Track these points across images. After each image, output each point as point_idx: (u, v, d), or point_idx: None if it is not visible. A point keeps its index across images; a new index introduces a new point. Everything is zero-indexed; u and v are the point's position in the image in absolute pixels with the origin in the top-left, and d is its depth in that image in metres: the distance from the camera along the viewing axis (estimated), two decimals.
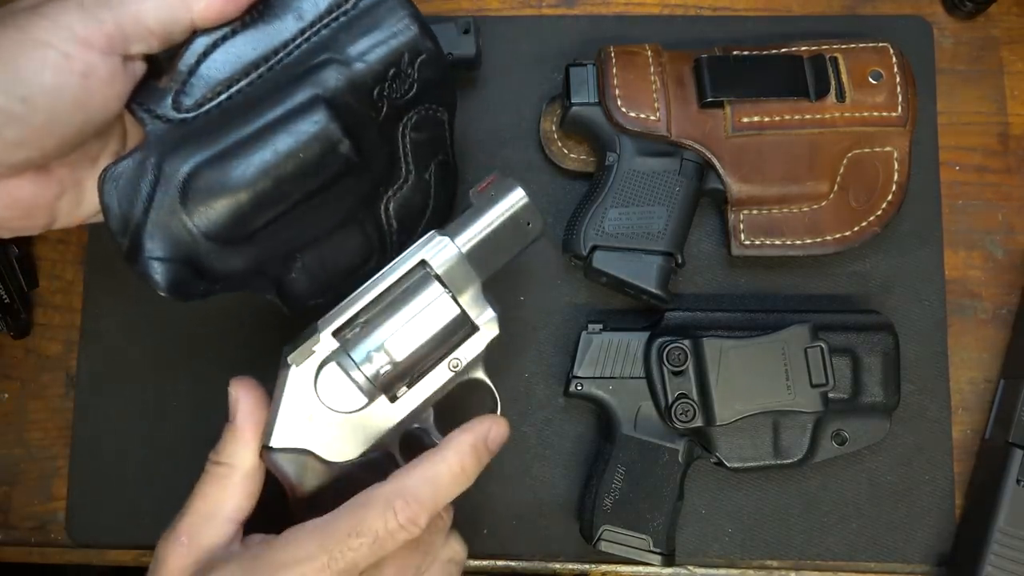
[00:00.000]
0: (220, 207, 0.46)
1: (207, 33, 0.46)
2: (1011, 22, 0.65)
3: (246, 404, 0.47)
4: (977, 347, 0.62)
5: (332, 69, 0.47)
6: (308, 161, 0.46)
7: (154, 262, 0.45)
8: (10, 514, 0.62)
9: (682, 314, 0.58)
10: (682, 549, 0.59)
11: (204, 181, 0.45)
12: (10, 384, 0.63)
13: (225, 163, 0.45)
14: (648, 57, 0.59)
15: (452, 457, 0.46)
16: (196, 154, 0.45)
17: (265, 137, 0.46)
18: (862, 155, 0.58)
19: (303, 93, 0.47)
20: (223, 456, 0.47)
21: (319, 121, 0.46)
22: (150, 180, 0.45)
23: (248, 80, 0.47)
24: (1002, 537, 0.56)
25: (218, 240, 0.46)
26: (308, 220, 0.49)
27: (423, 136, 0.52)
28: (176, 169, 0.45)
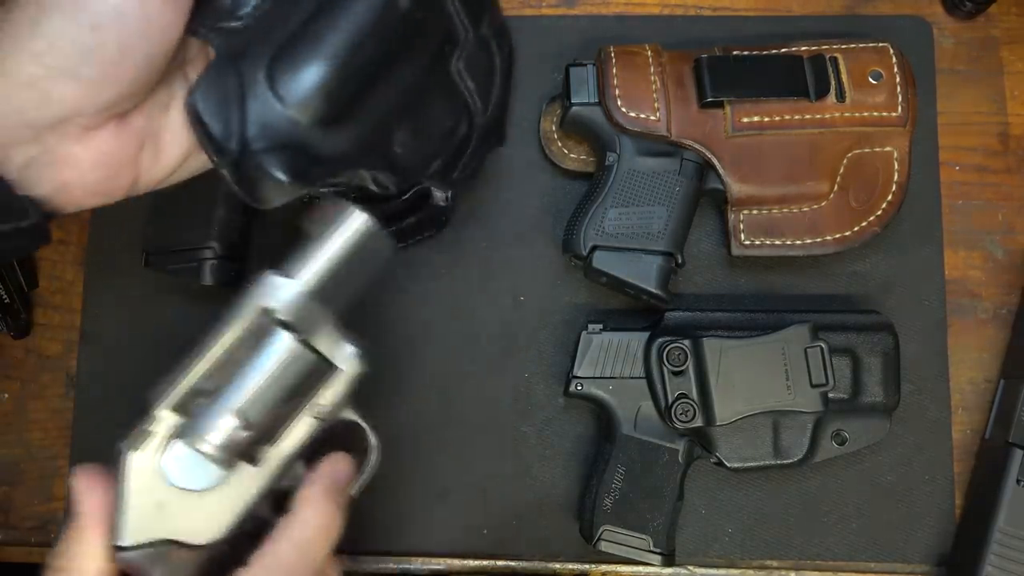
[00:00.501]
0: (311, 88, 0.44)
1: None
2: (1011, 22, 0.65)
3: (91, 498, 0.43)
4: (977, 347, 0.62)
5: None
6: (375, 20, 0.45)
7: (267, 154, 0.44)
8: (10, 514, 0.62)
9: (682, 314, 0.59)
10: (682, 549, 0.59)
11: (288, 66, 0.44)
12: (10, 384, 0.63)
13: (301, 44, 0.44)
14: (648, 57, 0.59)
15: (311, 515, 0.44)
16: (270, 47, 0.44)
17: (328, 9, 0.45)
18: (862, 155, 0.58)
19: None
20: (66, 560, 0.42)
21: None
22: (235, 84, 0.44)
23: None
24: (1002, 537, 0.56)
25: (318, 121, 0.45)
26: (393, 87, 0.47)
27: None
28: (256, 66, 0.44)
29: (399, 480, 0.60)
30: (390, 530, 0.60)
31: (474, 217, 0.63)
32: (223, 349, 0.45)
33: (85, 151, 0.43)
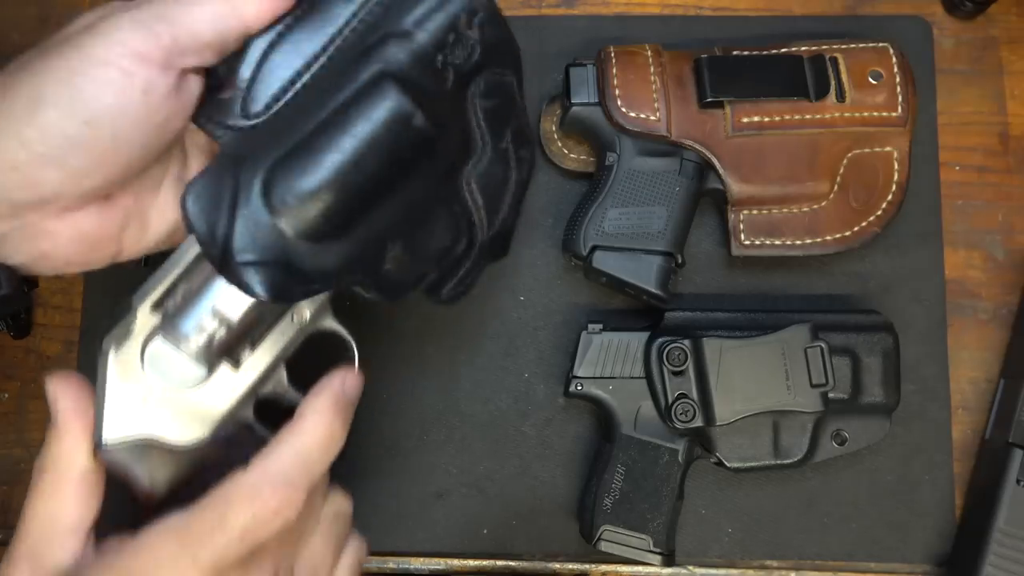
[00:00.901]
0: (306, 203, 0.44)
1: (261, 36, 0.45)
2: (1011, 22, 0.65)
3: (68, 399, 0.42)
4: (977, 347, 0.62)
5: (392, 44, 0.45)
6: (385, 140, 0.44)
7: (248, 268, 0.43)
8: (10, 514, 0.62)
9: (682, 314, 0.59)
10: (682, 549, 0.59)
11: (284, 180, 0.44)
12: (10, 384, 0.63)
13: (303, 156, 0.44)
14: (648, 57, 0.59)
15: (315, 425, 0.43)
16: (272, 154, 0.44)
17: (337, 123, 0.44)
18: (862, 155, 0.58)
19: (367, 71, 0.45)
20: (49, 461, 0.42)
21: (389, 96, 0.44)
22: (230, 188, 0.44)
23: (310, 73, 0.46)
24: (1002, 537, 0.56)
25: (307, 236, 0.44)
26: (394, 205, 0.46)
27: (493, 103, 0.49)
28: (254, 173, 0.44)
29: (399, 480, 0.60)
30: (390, 530, 0.60)
31: None
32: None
33: (65, 228, 0.42)
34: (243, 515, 0.39)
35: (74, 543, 0.41)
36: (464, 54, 0.47)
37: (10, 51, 0.67)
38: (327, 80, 0.46)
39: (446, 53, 0.46)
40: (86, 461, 0.42)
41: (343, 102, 0.45)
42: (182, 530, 0.39)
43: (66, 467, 0.42)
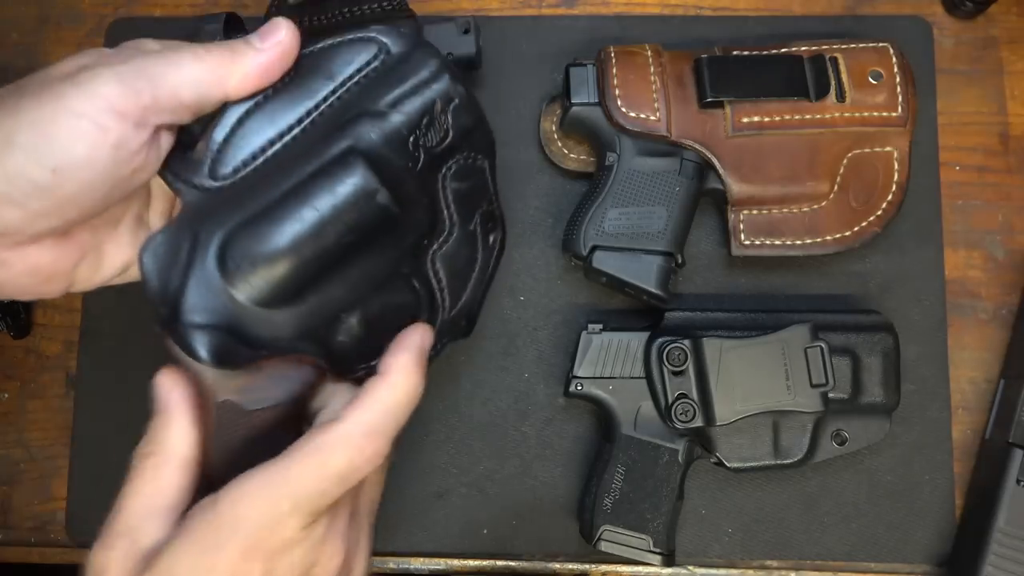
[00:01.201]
0: (259, 269, 0.44)
1: (239, 103, 0.46)
2: (1011, 22, 0.65)
3: (178, 391, 0.44)
4: (977, 347, 0.62)
5: (365, 122, 0.47)
6: (347, 214, 0.45)
7: (195, 330, 0.43)
8: (10, 514, 0.62)
9: (682, 314, 0.59)
10: (682, 549, 0.59)
11: (241, 244, 0.44)
12: (10, 384, 0.63)
13: (263, 223, 0.44)
14: (648, 57, 0.59)
15: (402, 380, 0.44)
16: (233, 217, 0.45)
17: (301, 194, 0.45)
18: (862, 155, 0.58)
19: (337, 147, 0.46)
20: (154, 446, 0.43)
21: (355, 172, 0.45)
22: (187, 248, 0.44)
23: (283, 143, 0.47)
24: (1002, 537, 0.56)
25: (259, 304, 0.44)
26: (352, 277, 0.47)
27: (464, 186, 0.50)
28: (212, 234, 0.44)
29: (399, 480, 0.60)
30: (390, 530, 0.60)
31: None
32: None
33: (18, 260, 0.42)
34: (341, 462, 0.41)
35: (168, 524, 0.42)
36: (437, 137, 0.48)
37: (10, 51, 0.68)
38: (297, 151, 0.46)
39: (418, 134, 0.47)
40: (190, 449, 0.43)
41: (310, 174, 0.45)
42: (280, 480, 0.40)
43: (172, 452, 0.43)
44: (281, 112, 0.47)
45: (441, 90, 0.48)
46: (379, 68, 0.48)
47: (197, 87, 0.43)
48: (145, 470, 0.43)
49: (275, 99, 0.47)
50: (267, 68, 0.45)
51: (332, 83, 0.47)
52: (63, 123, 0.40)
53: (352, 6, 0.60)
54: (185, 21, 0.66)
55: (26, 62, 0.66)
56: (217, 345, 0.43)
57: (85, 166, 0.40)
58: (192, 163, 0.46)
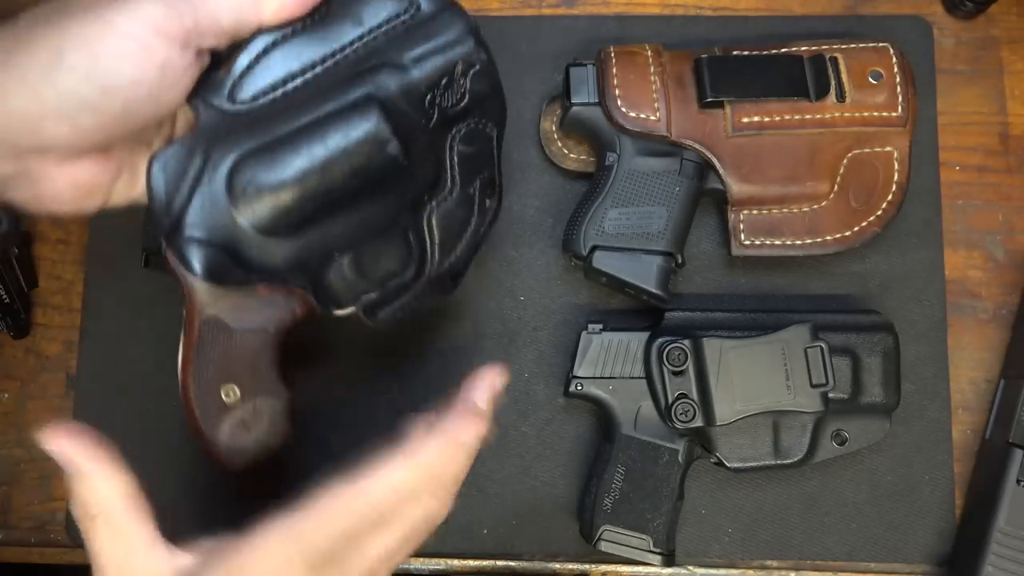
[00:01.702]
0: (264, 196, 0.46)
1: (268, 32, 0.47)
2: (1011, 22, 0.65)
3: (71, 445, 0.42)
4: (977, 347, 0.62)
5: (386, 72, 0.48)
6: (356, 158, 0.46)
7: (193, 244, 0.45)
8: (10, 514, 0.62)
9: (682, 314, 0.59)
10: (682, 549, 0.59)
11: (250, 169, 0.46)
12: (10, 384, 0.63)
13: (273, 154, 0.46)
14: (648, 57, 0.59)
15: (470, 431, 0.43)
16: (245, 143, 0.46)
17: (315, 131, 0.46)
18: (862, 155, 0.58)
19: (356, 92, 0.47)
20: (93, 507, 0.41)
21: (370, 119, 0.46)
22: (198, 165, 0.46)
23: (303, 79, 0.48)
24: (1002, 537, 0.56)
25: (259, 230, 0.46)
26: (352, 220, 0.48)
27: (470, 150, 0.51)
28: (224, 156, 0.46)
29: None
30: None
31: None
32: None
33: (62, 175, 0.44)
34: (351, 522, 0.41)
35: (159, 554, 0.41)
36: (453, 99, 0.49)
37: None
38: (316, 90, 0.47)
39: (436, 93, 0.49)
40: (122, 489, 0.42)
41: (326, 113, 0.47)
42: (291, 529, 0.40)
43: (109, 504, 0.42)
44: (307, 48, 0.48)
45: (464, 53, 0.49)
46: (407, 22, 0.49)
47: (236, 12, 0.44)
48: (100, 532, 0.41)
49: (303, 35, 0.48)
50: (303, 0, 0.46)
51: (360, 29, 0.48)
52: (111, 43, 0.41)
53: None
54: None
55: None
56: (212, 261, 0.45)
57: (133, 85, 0.42)
58: (213, 84, 0.47)
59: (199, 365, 0.48)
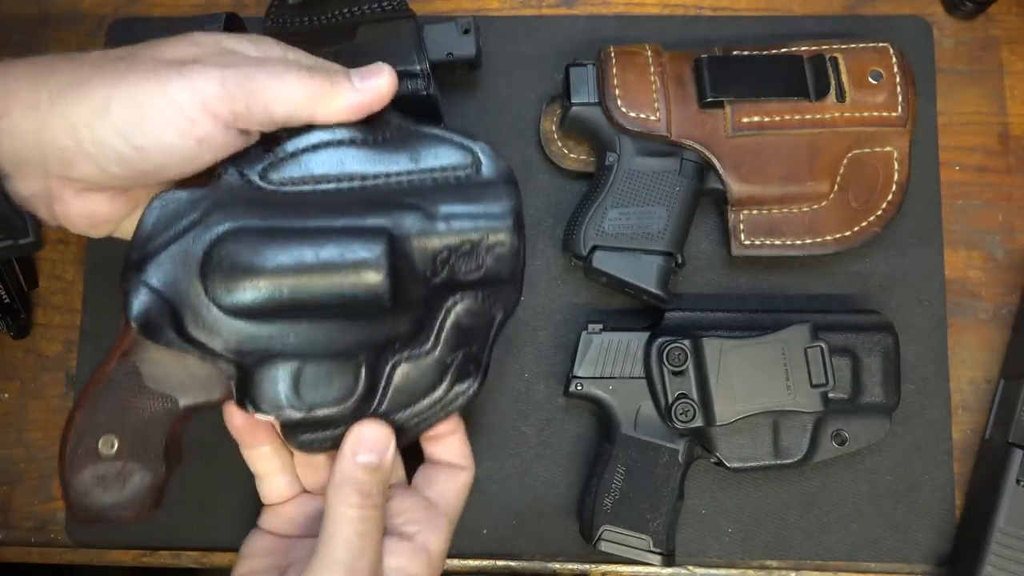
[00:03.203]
0: (235, 275, 0.45)
1: (325, 129, 0.47)
2: (1011, 22, 0.65)
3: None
4: (977, 347, 0.62)
5: (414, 215, 0.47)
6: (341, 279, 0.45)
7: (143, 288, 0.44)
8: (10, 514, 0.62)
9: (682, 314, 0.59)
10: (682, 549, 0.59)
11: (236, 244, 0.45)
12: (10, 384, 0.63)
13: (264, 240, 0.45)
14: (648, 57, 0.59)
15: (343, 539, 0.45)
16: (247, 219, 0.45)
17: (315, 238, 0.45)
18: (862, 155, 0.58)
19: (375, 219, 0.46)
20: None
21: (373, 250, 0.45)
22: (192, 219, 0.45)
23: (337, 186, 0.47)
24: (1002, 537, 0.56)
25: (215, 303, 0.45)
26: (309, 333, 0.46)
27: (467, 322, 0.49)
28: (221, 221, 0.45)
29: None
30: None
31: None
32: None
33: (79, 202, 0.45)
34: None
35: None
36: (468, 267, 0.48)
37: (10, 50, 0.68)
38: (342, 201, 0.47)
39: (452, 254, 0.47)
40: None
41: (337, 227, 0.46)
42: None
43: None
44: (355, 161, 0.48)
45: (497, 230, 0.48)
46: (461, 178, 0.49)
47: (291, 108, 0.45)
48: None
49: (358, 148, 0.48)
50: (359, 108, 0.47)
51: (412, 165, 0.48)
52: (158, 107, 0.42)
53: (352, 6, 0.60)
54: (185, 21, 0.66)
55: None
56: (150, 313, 0.44)
57: (168, 150, 0.43)
58: (253, 157, 0.47)
59: (94, 401, 0.46)
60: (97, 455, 0.46)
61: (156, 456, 0.47)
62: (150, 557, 0.61)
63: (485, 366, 0.50)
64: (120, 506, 0.47)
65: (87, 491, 0.46)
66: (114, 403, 0.46)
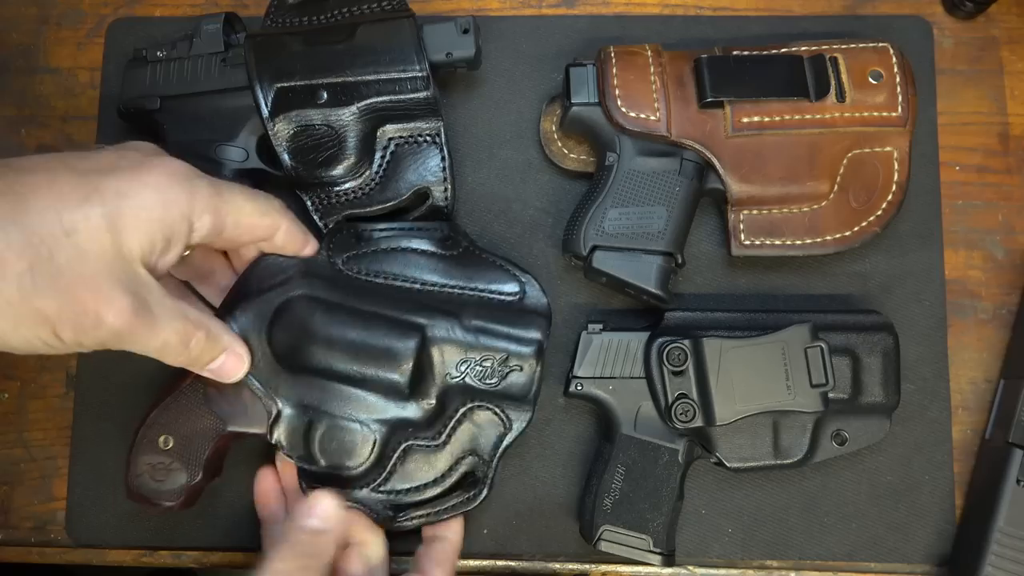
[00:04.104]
0: (290, 331, 0.53)
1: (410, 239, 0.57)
2: (1011, 22, 0.65)
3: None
4: (977, 347, 0.62)
5: (450, 321, 0.54)
6: (371, 360, 0.53)
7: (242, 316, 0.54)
8: (10, 514, 0.62)
9: (682, 314, 0.59)
10: (682, 549, 0.59)
11: (300, 309, 0.54)
12: (10, 384, 0.63)
13: (324, 311, 0.54)
14: (648, 57, 0.59)
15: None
16: (318, 291, 0.54)
17: (363, 320, 0.54)
18: (862, 155, 0.58)
19: (416, 316, 0.54)
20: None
21: (406, 344, 0.53)
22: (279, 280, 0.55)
23: (399, 284, 0.56)
24: (1002, 537, 0.56)
25: (271, 351, 0.54)
26: (339, 397, 0.54)
27: (476, 431, 0.56)
28: (298, 287, 0.54)
29: None
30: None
31: (474, 217, 0.63)
32: None
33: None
34: None
35: None
36: (483, 376, 0.55)
37: (10, 50, 0.68)
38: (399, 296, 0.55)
39: (472, 363, 0.54)
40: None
41: (385, 316, 0.54)
42: None
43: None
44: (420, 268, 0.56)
45: (521, 354, 0.55)
46: (502, 301, 0.56)
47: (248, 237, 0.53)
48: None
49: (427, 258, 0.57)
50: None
51: (465, 282, 0.56)
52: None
53: (351, 6, 0.60)
54: (185, 21, 0.66)
55: (26, 62, 0.66)
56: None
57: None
58: (345, 243, 0.57)
59: (168, 405, 0.55)
60: (155, 447, 0.55)
61: (198, 463, 0.55)
62: (150, 557, 0.61)
63: (489, 483, 0.56)
64: (160, 495, 0.55)
65: (140, 474, 0.55)
66: (178, 410, 0.55)
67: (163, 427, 0.55)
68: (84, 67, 0.66)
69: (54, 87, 0.66)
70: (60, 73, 0.66)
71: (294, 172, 0.58)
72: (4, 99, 0.66)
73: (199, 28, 0.60)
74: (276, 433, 0.54)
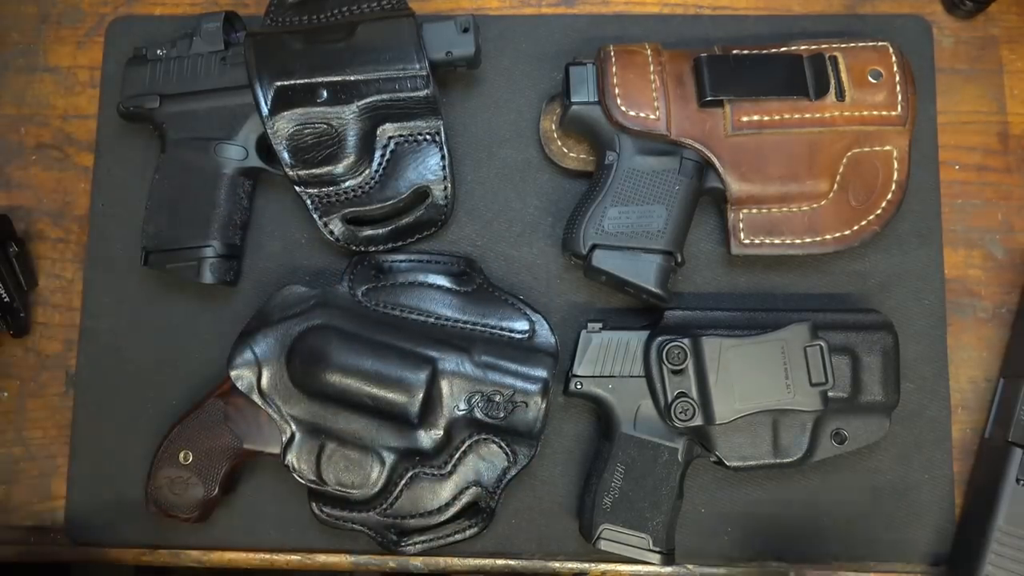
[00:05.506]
0: (308, 358, 0.56)
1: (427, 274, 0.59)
2: (1011, 22, 0.65)
3: None
4: (977, 346, 0.62)
5: (460, 355, 0.56)
6: (383, 388, 0.55)
7: (247, 350, 0.57)
8: (10, 514, 0.62)
9: (682, 313, 0.58)
10: (681, 548, 0.59)
11: (319, 337, 0.56)
12: (10, 383, 0.63)
13: (341, 340, 0.56)
14: (648, 56, 0.59)
15: None
16: (337, 320, 0.57)
17: (378, 351, 0.56)
18: (861, 154, 0.58)
19: (429, 350, 0.56)
20: None
21: (417, 375, 0.55)
22: (300, 309, 0.58)
23: (415, 317, 0.58)
24: (1002, 536, 0.56)
25: (289, 376, 0.56)
26: (351, 423, 0.56)
27: (482, 464, 0.57)
28: (318, 316, 0.57)
29: None
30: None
31: (474, 216, 0.63)
32: None
33: None
34: None
35: None
36: (488, 411, 0.56)
37: (10, 50, 0.68)
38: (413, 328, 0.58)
39: (480, 397, 0.56)
40: None
41: (399, 347, 0.56)
42: None
43: None
44: (436, 303, 0.59)
45: (527, 391, 0.56)
46: (512, 339, 0.58)
47: None
48: None
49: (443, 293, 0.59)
50: None
51: (477, 319, 0.59)
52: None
53: (351, 5, 0.60)
54: (185, 20, 0.66)
55: (26, 61, 0.66)
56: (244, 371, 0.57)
57: None
58: (364, 275, 0.59)
59: (190, 421, 0.58)
60: (176, 461, 0.57)
61: (215, 479, 0.57)
62: (150, 556, 0.61)
63: (490, 513, 0.57)
64: (177, 507, 0.57)
65: (160, 486, 0.57)
66: (198, 426, 0.57)
67: (184, 442, 0.57)
68: (84, 66, 0.66)
69: (54, 86, 0.66)
70: (60, 72, 0.66)
71: (294, 170, 0.58)
72: (4, 98, 0.66)
73: (199, 27, 0.60)
74: (289, 455, 0.56)
